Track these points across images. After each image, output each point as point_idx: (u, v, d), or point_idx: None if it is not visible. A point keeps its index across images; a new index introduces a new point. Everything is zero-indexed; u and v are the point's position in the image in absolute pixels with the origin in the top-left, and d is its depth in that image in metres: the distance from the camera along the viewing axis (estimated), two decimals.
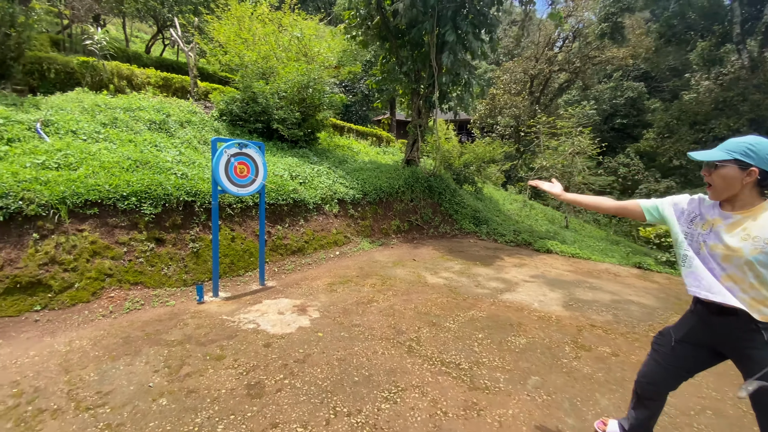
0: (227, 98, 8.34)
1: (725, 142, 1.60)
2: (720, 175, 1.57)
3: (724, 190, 1.59)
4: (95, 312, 3.88)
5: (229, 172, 4.44)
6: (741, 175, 1.53)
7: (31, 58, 8.29)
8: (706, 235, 1.64)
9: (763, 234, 1.48)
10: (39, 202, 3.96)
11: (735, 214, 1.58)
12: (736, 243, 1.53)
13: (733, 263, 1.55)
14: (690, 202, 1.77)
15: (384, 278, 5.33)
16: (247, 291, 4.73)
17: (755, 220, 1.52)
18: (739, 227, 1.55)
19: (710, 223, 1.64)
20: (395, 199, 8.45)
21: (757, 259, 1.48)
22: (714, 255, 1.60)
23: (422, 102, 9.85)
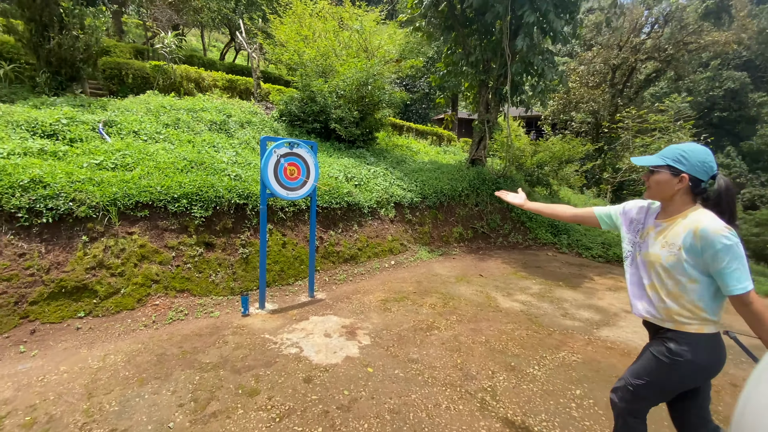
0: (286, 98, 8.15)
1: (664, 148, 1.59)
2: (654, 180, 1.57)
3: (658, 194, 1.59)
4: (138, 321, 3.66)
5: (279, 174, 4.02)
6: (673, 181, 1.52)
7: (111, 63, 8.84)
8: (641, 244, 1.64)
9: (677, 241, 1.48)
10: (90, 203, 3.85)
11: (663, 222, 1.58)
12: (657, 250, 1.55)
13: (654, 271, 1.56)
14: (639, 210, 1.74)
15: (446, 297, 4.59)
16: (294, 303, 4.28)
17: (674, 227, 1.52)
18: (662, 235, 1.56)
19: (646, 231, 1.64)
20: (458, 203, 7.62)
21: (671, 265, 1.49)
22: (644, 263, 1.61)
23: (491, 95, 8.87)
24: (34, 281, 3.51)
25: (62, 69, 5.93)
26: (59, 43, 5.53)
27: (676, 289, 1.49)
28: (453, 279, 5.31)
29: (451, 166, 8.65)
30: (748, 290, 1.35)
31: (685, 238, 1.45)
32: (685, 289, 1.48)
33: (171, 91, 8.67)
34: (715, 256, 1.37)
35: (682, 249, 1.46)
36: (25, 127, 4.61)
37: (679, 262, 1.46)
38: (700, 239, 1.40)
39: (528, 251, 7.27)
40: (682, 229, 1.47)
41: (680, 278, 1.48)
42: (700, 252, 1.42)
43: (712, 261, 1.39)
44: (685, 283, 1.47)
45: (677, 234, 1.48)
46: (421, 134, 15.71)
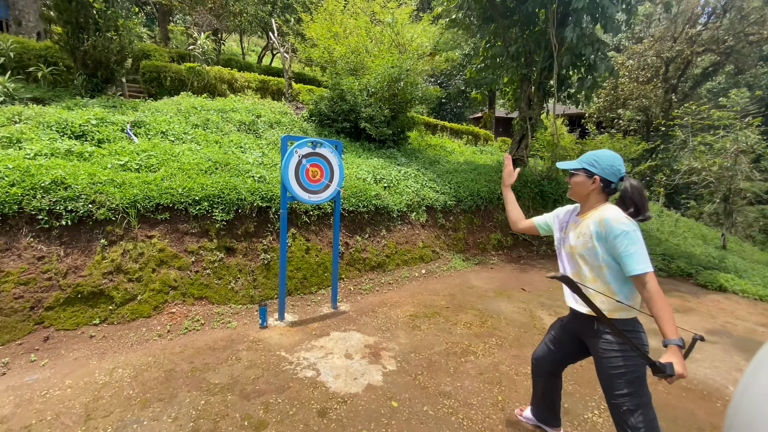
0: (316, 97, 7.93)
1: (583, 154, 1.78)
2: (574, 181, 1.78)
3: (577, 194, 1.79)
4: (153, 330, 3.48)
5: (300, 176, 3.71)
6: (588, 182, 1.72)
7: (150, 66, 9.02)
8: (565, 238, 1.82)
9: (588, 230, 1.66)
10: (109, 205, 3.73)
11: (580, 217, 1.77)
12: (574, 241, 1.73)
13: (574, 260, 1.74)
14: (566, 212, 1.93)
15: (483, 315, 4.09)
16: (316, 315, 3.96)
17: (586, 220, 1.70)
18: (578, 227, 1.74)
19: (569, 227, 1.82)
20: (496, 207, 7.04)
21: (586, 252, 1.66)
22: (567, 255, 1.79)
23: (534, 90, 8.18)
24: (51, 285, 3.41)
25: (98, 71, 6.03)
26: (93, 44, 5.60)
27: (592, 275, 1.67)
28: (491, 293, 4.79)
29: (489, 167, 8.05)
30: (646, 271, 1.50)
31: (593, 228, 1.64)
32: (600, 273, 1.65)
33: (205, 92, 8.72)
34: (615, 240, 1.55)
35: (592, 237, 1.64)
36: (55, 127, 4.62)
37: (591, 249, 1.65)
38: (604, 227, 1.59)
39: None
40: (591, 221, 1.67)
41: (594, 264, 1.66)
42: (605, 238, 1.59)
43: (614, 246, 1.57)
44: (598, 267, 1.65)
45: (588, 225, 1.68)
46: (455, 133, 15.09)
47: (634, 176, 15.31)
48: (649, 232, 9.13)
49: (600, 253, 1.62)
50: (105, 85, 6.30)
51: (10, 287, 3.25)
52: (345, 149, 7.32)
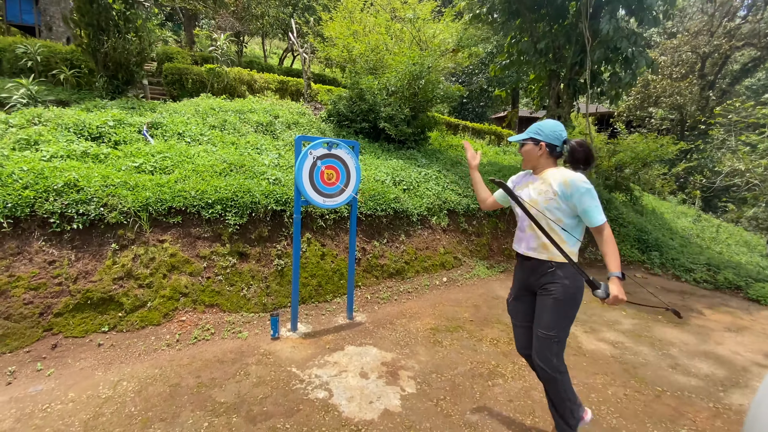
0: (334, 97, 7.75)
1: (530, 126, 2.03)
2: (524, 150, 2.03)
3: (529, 161, 2.04)
4: (161, 339, 3.34)
5: (315, 179, 3.50)
6: (536, 149, 1.97)
7: (172, 69, 9.10)
8: (520, 194, 2.01)
9: (551, 188, 1.88)
10: (121, 209, 3.63)
11: (536, 176, 2.01)
12: (535, 196, 1.93)
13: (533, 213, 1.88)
14: (519, 176, 2.18)
15: (510, 329, 3.76)
16: (330, 326, 3.74)
17: (545, 179, 1.93)
18: (536, 186, 1.96)
19: (524, 185, 2.05)
20: None
21: (547, 208, 1.88)
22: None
23: (563, 87, 7.74)
24: (61, 291, 3.33)
25: (118, 73, 6.05)
26: (113, 46, 5.61)
27: (548, 226, 1.86)
28: None
29: (515, 168, 7.65)
30: (604, 221, 1.84)
31: (557, 186, 1.84)
32: (556, 226, 1.87)
33: (225, 93, 8.71)
34: (581, 197, 1.82)
35: (557, 194, 1.85)
36: (73, 129, 4.60)
37: (554, 205, 1.86)
38: (569, 186, 1.82)
39: None
40: (552, 180, 1.87)
41: (552, 218, 1.86)
42: (569, 196, 1.83)
43: (579, 202, 1.82)
44: (555, 221, 1.87)
45: (549, 184, 1.88)
46: (477, 133, 14.66)
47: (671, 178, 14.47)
48: (689, 239, 8.48)
49: (561, 208, 1.85)
50: (125, 86, 6.33)
51: (20, 292, 3.18)
52: (363, 150, 7.10)
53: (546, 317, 1.92)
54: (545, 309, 1.93)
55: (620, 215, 7.08)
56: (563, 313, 1.91)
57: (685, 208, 14.88)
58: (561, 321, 1.91)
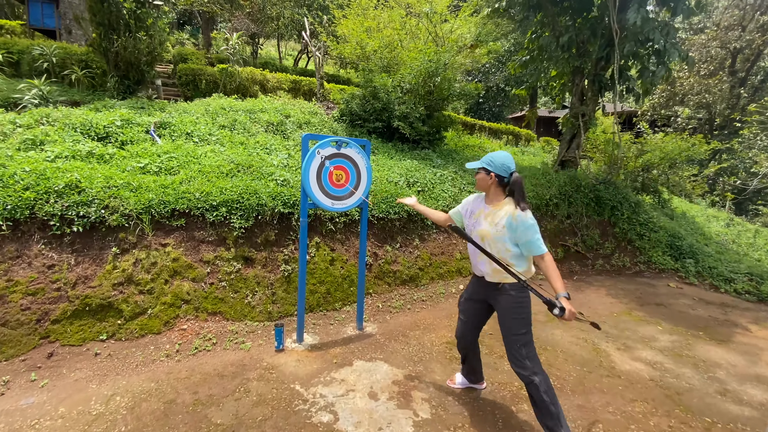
0: (347, 96, 7.54)
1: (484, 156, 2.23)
2: (478, 178, 2.23)
3: (481, 188, 2.25)
4: (161, 349, 3.17)
5: (323, 180, 3.28)
6: (487, 178, 2.17)
7: (186, 70, 9.07)
8: (475, 223, 2.25)
9: (501, 222, 2.09)
10: (123, 211, 3.48)
11: (490, 206, 2.21)
12: (487, 227, 2.16)
13: (486, 243, 2.16)
14: (474, 200, 2.37)
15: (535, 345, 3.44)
16: (338, 338, 3.50)
17: (498, 211, 2.14)
18: (490, 216, 2.17)
19: (478, 214, 2.25)
20: (544, 215, 6.29)
21: (497, 238, 2.11)
22: (478, 237, 2.21)
23: (587, 83, 7.33)
24: (59, 296, 3.20)
25: (129, 73, 5.99)
26: (124, 45, 5.55)
27: (499, 255, 2.12)
28: (542, 316, 4.11)
29: (535, 169, 7.28)
30: (546, 251, 2.08)
31: (506, 221, 2.08)
32: (505, 254, 2.12)
33: (237, 93, 8.62)
34: (526, 231, 2.04)
35: (504, 227, 2.09)
36: (80, 129, 4.51)
37: (503, 236, 2.10)
38: (516, 220, 2.05)
39: (640, 279, 5.67)
40: (503, 214, 2.11)
41: (500, 246, 2.12)
42: (515, 229, 2.06)
43: (524, 234, 2.05)
44: (504, 249, 2.12)
45: (500, 217, 2.11)
46: (494, 133, 14.24)
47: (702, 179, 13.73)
48: (725, 245, 7.91)
49: (508, 239, 2.08)
50: (137, 86, 6.27)
51: (17, 298, 3.06)
52: (376, 150, 6.86)
53: (506, 324, 2.23)
54: (502, 318, 2.25)
55: (650, 219, 6.63)
56: (517, 316, 2.20)
57: (714, 211, 14.10)
58: (517, 324, 2.20)
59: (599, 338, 3.67)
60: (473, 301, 2.44)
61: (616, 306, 4.53)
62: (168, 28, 6.62)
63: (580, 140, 7.36)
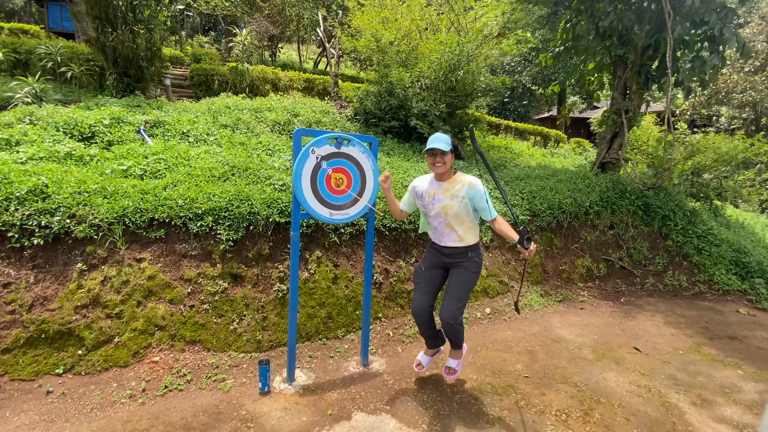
0: (361, 93, 6.98)
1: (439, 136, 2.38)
2: (445, 160, 2.36)
3: (447, 168, 2.40)
4: (124, 387, 2.65)
5: (319, 185, 2.69)
6: (452, 158, 2.40)
7: (198, 70, 8.76)
8: (433, 201, 2.46)
9: (461, 193, 2.36)
10: (91, 220, 3.00)
11: (443, 183, 2.44)
12: (449, 201, 2.39)
13: (446, 215, 2.40)
14: (424, 183, 2.56)
15: (584, 396, 2.72)
16: (338, 377, 2.89)
17: (454, 185, 2.40)
18: (448, 191, 2.41)
19: (433, 192, 2.47)
20: (583, 224, 5.49)
21: (460, 209, 2.37)
22: (439, 212, 2.43)
23: (632, 74, 6.48)
24: (12, 321, 2.73)
25: (129, 69, 5.64)
26: (120, 39, 5.18)
27: (457, 221, 2.40)
28: (588, 351, 3.37)
29: (571, 173, 6.47)
30: (496, 215, 2.39)
31: (465, 191, 2.36)
32: (466, 219, 2.41)
33: (249, 93, 8.22)
34: (480, 198, 2.34)
35: (465, 197, 2.35)
36: (63, 129, 4.11)
37: (464, 206, 2.37)
38: (473, 189, 2.35)
39: (701, 303, 4.78)
40: (461, 186, 2.38)
41: (463, 214, 2.39)
42: (473, 197, 2.35)
43: (479, 201, 2.35)
44: (465, 216, 2.40)
45: (458, 189, 2.38)
46: (520, 134, 13.36)
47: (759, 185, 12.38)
48: None
49: (468, 208, 2.38)
50: (137, 84, 5.91)
51: None
52: (392, 151, 6.26)
53: (461, 287, 2.45)
54: (460, 281, 2.47)
55: (710, 230, 5.69)
56: (472, 282, 2.50)
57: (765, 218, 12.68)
58: (469, 288, 2.49)
59: (666, 384, 2.91)
60: (433, 269, 2.58)
61: (679, 339, 3.72)
62: (169, 22, 6.26)
63: (623, 139, 6.49)
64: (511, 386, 2.79)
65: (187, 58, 11.66)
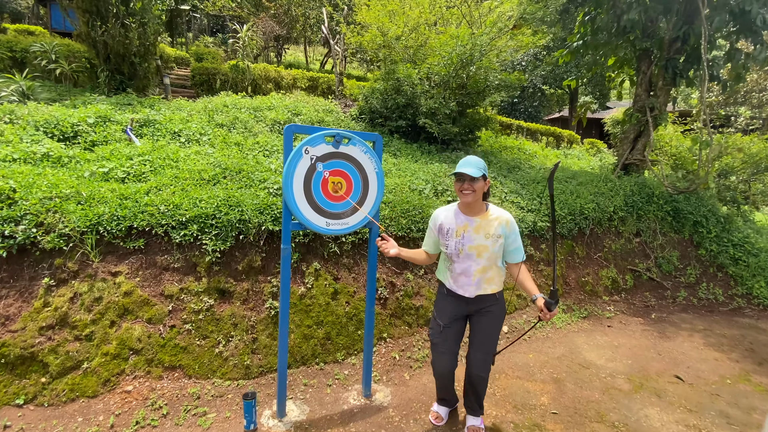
0: (366, 91, 6.61)
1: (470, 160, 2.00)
2: (476, 187, 1.96)
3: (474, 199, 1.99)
4: (90, 422, 2.31)
5: (314, 190, 2.32)
6: (484, 186, 2.01)
7: (200, 69, 8.49)
8: (462, 241, 2.04)
9: (497, 231, 2.01)
10: (61, 230, 2.67)
11: (476, 218, 2.05)
12: (483, 241, 2.01)
13: (481, 257, 2.02)
14: (448, 218, 2.12)
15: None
16: (335, 410, 2.52)
17: (490, 221, 2.03)
18: (482, 228, 2.02)
19: (461, 229, 2.05)
20: (607, 231, 5.05)
21: (496, 250, 2.01)
22: (470, 254, 2.03)
23: (658, 69, 6.02)
24: None
25: (122, 66, 5.36)
26: (110, 33, 4.89)
27: (490, 263, 2.04)
28: (623, 380, 2.94)
29: (593, 175, 6.02)
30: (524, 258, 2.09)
31: (501, 230, 2.01)
32: (496, 261, 2.06)
33: (252, 92, 7.92)
34: (516, 237, 2.05)
35: (501, 237, 2.01)
36: (43, 128, 3.81)
37: (500, 246, 2.02)
38: (509, 227, 2.03)
39: (741, 319, 4.31)
40: (497, 223, 2.02)
41: (496, 256, 2.04)
42: (508, 236, 2.03)
43: (514, 240, 2.04)
44: (498, 258, 2.05)
45: (495, 227, 2.01)
46: (531, 135, 12.89)
47: None
48: None
49: (502, 248, 2.04)
50: (130, 82, 5.62)
51: None
52: (399, 152, 5.88)
53: (491, 337, 2.14)
54: (490, 331, 2.14)
55: (746, 239, 5.20)
56: (500, 327, 2.20)
57: None
58: (497, 333, 2.19)
59: (719, 426, 2.48)
60: (455, 323, 2.18)
61: (724, 365, 3.27)
62: (165, 16, 5.97)
63: (648, 139, 6.02)
64: (537, 426, 2.38)
65: (192, 58, 11.45)
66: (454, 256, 2.07)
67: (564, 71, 16.88)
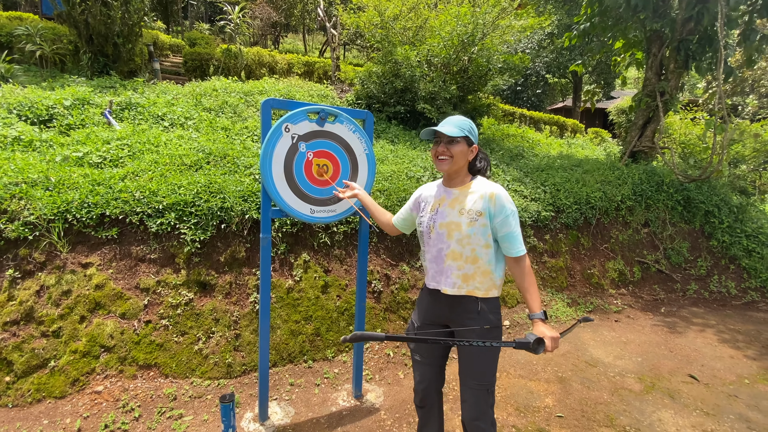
0: (362, 74, 6.33)
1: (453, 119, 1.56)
2: (455, 151, 1.52)
3: (456, 166, 1.55)
4: (57, 425, 2.13)
5: (296, 173, 2.10)
6: (468, 152, 1.55)
7: (193, 54, 8.20)
8: (435, 216, 1.59)
9: (477, 207, 1.50)
10: (26, 217, 2.46)
11: (454, 189, 1.59)
12: (456, 217, 1.52)
13: (453, 239, 1.52)
14: (425, 189, 1.74)
15: None
16: (323, 412, 2.33)
17: (467, 194, 1.54)
18: (457, 202, 1.55)
19: (437, 203, 1.62)
20: (614, 221, 4.82)
21: (473, 231, 1.49)
22: (441, 234, 1.56)
23: (670, 51, 5.72)
24: None
25: (105, 48, 5.10)
26: (92, 12, 4.62)
27: (473, 254, 1.51)
28: (633, 380, 2.75)
29: (599, 163, 5.77)
30: (525, 252, 1.49)
31: (483, 204, 1.49)
32: (481, 253, 1.51)
33: (246, 77, 7.64)
34: (506, 219, 1.47)
35: (483, 214, 1.48)
36: (16, 111, 3.59)
37: (481, 227, 1.49)
38: (494, 204, 1.48)
39: (755, 314, 4.10)
40: (477, 196, 1.51)
41: (478, 243, 1.50)
42: (493, 216, 1.48)
43: (503, 225, 1.48)
44: (479, 244, 1.50)
45: (473, 201, 1.51)
46: (534, 123, 12.57)
47: None
48: None
49: (486, 231, 1.50)
50: (114, 65, 5.36)
51: None
52: (396, 139, 5.64)
53: (479, 365, 1.53)
54: (480, 359, 1.53)
55: (760, 229, 4.97)
56: (495, 353, 1.56)
57: None
58: (494, 365, 1.56)
59: (738, 429, 2.28)
60: (432, 327, 1.66)
61: (740, 363, 3.07)
62: None
63: (658, 125, 5.74)
64: (542, 429, 2.19)
65: (185, 44, 11.13)
66: (426, 236, 1.61)
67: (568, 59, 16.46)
